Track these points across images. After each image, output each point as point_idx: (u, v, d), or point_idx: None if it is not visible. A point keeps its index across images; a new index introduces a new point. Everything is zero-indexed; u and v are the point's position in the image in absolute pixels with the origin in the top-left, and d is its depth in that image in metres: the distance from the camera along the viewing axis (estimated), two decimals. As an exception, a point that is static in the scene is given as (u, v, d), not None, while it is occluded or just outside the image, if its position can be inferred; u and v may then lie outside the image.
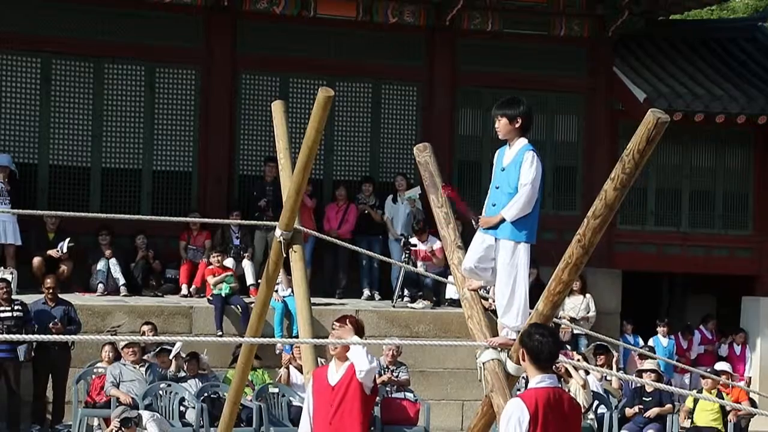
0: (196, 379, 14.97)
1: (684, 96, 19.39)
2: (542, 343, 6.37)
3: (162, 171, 18.55)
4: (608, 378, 16.72)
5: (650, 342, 18.72)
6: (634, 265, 20.10)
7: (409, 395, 15.38)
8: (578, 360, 16.76)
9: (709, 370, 16.46)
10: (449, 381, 17.26)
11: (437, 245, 17.23)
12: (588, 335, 17.22)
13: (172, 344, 15.19)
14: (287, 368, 15.40)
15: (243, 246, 17.97)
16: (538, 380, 6.36)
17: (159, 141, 18.55)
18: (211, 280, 16.94)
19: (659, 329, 19.18)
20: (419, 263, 17.71)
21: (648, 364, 16.24)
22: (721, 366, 17.41)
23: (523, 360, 6.48)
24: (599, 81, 20.08)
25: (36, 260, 16.85)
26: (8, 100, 17.88)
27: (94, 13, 18.11)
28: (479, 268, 7.46)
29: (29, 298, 15.55)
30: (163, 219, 9.81)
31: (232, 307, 16.76)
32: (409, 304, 17.78)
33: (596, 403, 15.93)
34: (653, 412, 15.86)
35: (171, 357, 15.14)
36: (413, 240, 17.93)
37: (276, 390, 15.19)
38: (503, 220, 7.27)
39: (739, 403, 15.90)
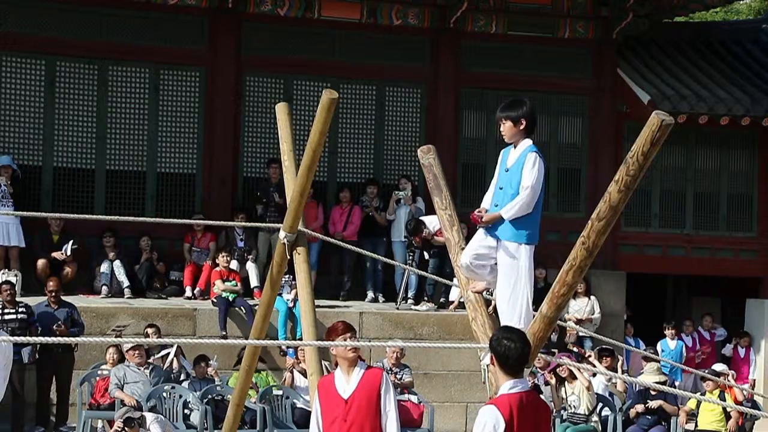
0: (200, 382, 14.99)
1: (688, 98, 19.37)
2: (509, 348, 6.24)
3: (166, 173, 18.55)
4: (613, 380, 16.71)
5: (658, 345, 18.68)
6: (638, 267, 20.08)
7: (413, 397, 15.37)
8: (588, 356, 16.79)
9: (707, 371, 16.45)
10: (453, 383, 17.25)
11: (437, 224, 17.42)
12: (593, 338, 17.21)
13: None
14: (291, 372, 15.39)
15: (247, 248, 17.98)
16: (510, 385, 6.25)
17: (163, 143, 18.55)
18: (219, 285, 16.92)
19: (667, 332, 19.16)
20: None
21: (652, 372, 16.20)
22: (719, 367, 17.40)
23: (493, 365, 6.36)
24: (604, 83, 20.06)
25: (40, 262, 16.86)
26: (12, 102, 17.89)
27: (98, 14, 18.12)
28: (475, 265, 7.43)
29: (33, 300, 15.56)
30: (167, 221, 9.81)
31: (237, 309, 16.76)
32: (413, 307, 17.78)
33: (600, 405, 15.91)
34: (656, 403, 15.84)
35: (168, 361, 15.13)
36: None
37: (280, 392, 15.19)
38: (502, 219, 7.26)
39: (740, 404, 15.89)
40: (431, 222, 17.82)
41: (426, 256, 17.95)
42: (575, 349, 17.40)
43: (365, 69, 19.24)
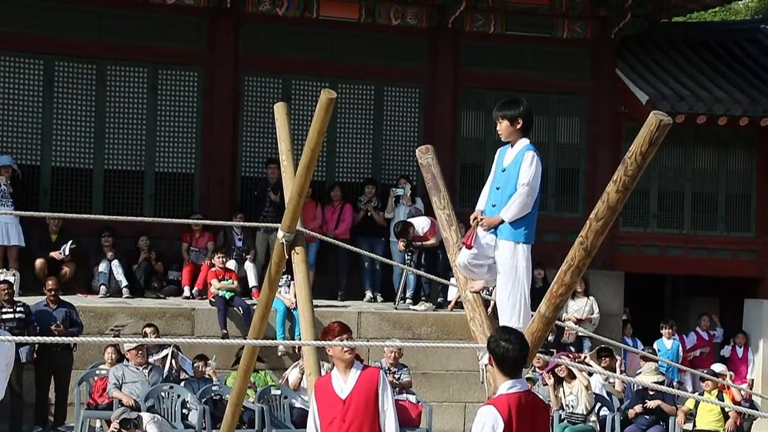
0: (199, 381, 14.98)
1: (686, 98, 19.37)
2: (507, 350, 6.25)
3: (164, 172, 18.54)
4: (611, 380, 16.72)
5: (655, 345, 18.69)
6: (636, 267, 20.08)
7: (411, 397, 15.37)
8: (584, 359, 16.79)
9: (706, 371, 16.45)
10: (451, 383, 17.26)
11: (425, 226, 17.44)
12: (591, 337, 17.22)
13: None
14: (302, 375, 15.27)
15: (245, 248, 17.98)
16: (509, 385, 6.27)
17: (161, 142, 18.55)
18: (215, 284, 16.91)
19: (663, 332, 19.16)
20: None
21: (650, 372, 16.20)
22: (718, 367, 17.40)
23: (491, 365, 6.38)
24: (602, 83, 20.06)
25: (38, 262, 16.85)
26: (11, 102, 17.88)
27: (96, 14, 18.12)
28: (473, 264, 7.42)
29: (31, 300, 15.56)
30: (165, 220, 9.79)
31: (235, 309, 16.76)
32: (411, 306, 17.78)
33: (598, 405, 15.92)
34: (654, 403, 15.84)
35: (168, 363, 15.11)
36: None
37: (278, 392, 15.18)
38: (503, 221, 7.26)
39: (738, 404, 15.90)
40: (419, 224, 17.84)
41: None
42: (570, 356, 17.38)
43: (364, 69, 19.24)
